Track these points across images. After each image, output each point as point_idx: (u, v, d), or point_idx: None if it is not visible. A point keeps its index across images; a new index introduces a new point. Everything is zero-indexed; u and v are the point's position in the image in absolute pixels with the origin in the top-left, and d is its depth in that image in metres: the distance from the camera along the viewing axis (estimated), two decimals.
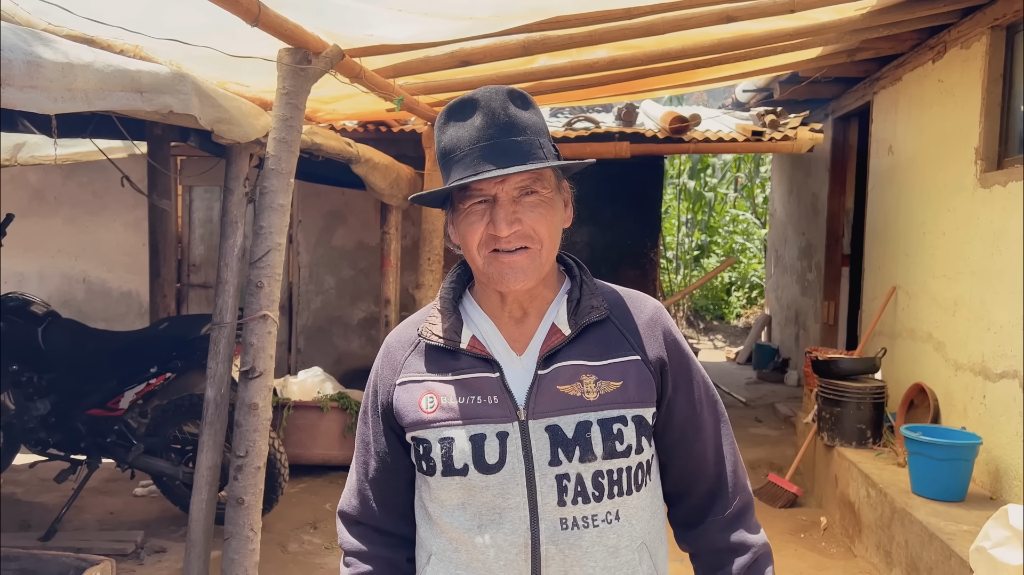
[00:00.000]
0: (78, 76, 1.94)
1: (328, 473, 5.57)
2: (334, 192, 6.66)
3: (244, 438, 3.09)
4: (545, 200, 1.25)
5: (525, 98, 1.28)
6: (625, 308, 1.35)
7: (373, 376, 1.38)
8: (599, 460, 1.24)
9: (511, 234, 1.23)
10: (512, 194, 1.24)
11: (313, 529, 4.64)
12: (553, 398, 1.26)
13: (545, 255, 1.26)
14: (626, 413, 1.26)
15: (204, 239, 7.16)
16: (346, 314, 6.99)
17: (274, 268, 3.16)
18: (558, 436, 1.24)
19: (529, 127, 1.25)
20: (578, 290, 1.34)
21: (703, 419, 1.35)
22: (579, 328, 1.29)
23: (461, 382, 1.28)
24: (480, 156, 1.22)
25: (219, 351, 3.25)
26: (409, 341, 1.36)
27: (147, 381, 4.26)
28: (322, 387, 5.72)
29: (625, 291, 1.39)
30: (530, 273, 1.25)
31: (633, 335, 1.32)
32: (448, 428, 1.26)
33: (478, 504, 1.26)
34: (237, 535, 3.07)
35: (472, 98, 1.25)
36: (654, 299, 1.39)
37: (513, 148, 1.22)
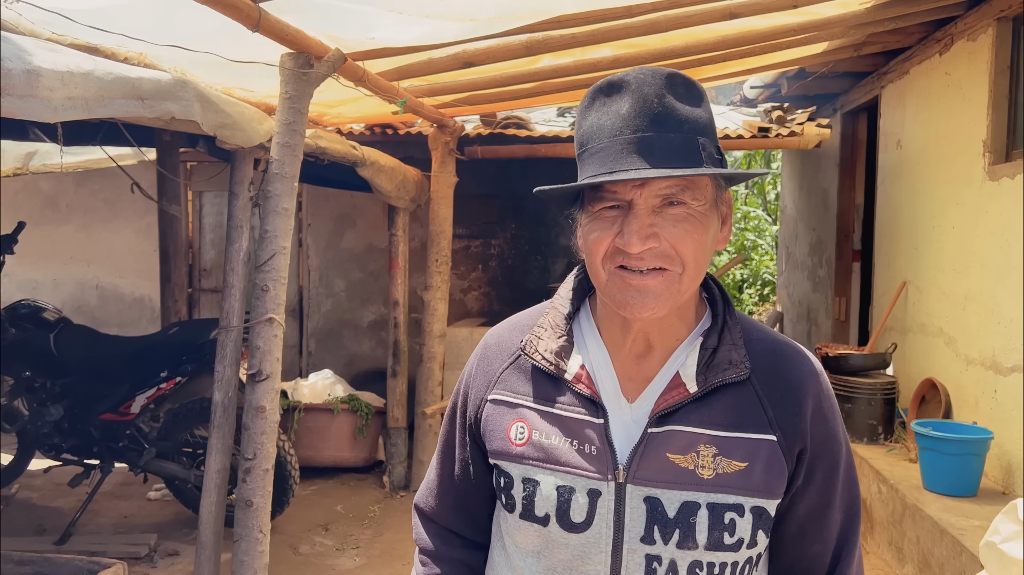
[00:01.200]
0: (78, 84, 1.97)
1: (339, 475, 5.60)
2: (343, 195, 6.69)
3: (252, 441, 3.12)
4: (694, 214, 1.03)
5: (691, 86, 1.05)
6: (772, 368, 1.10)
7: (466, 377, 1.22)
8: (700, 549, 1.04)
9: (644, 251, 1.01)
10: (653, 202, 1.02)
11: (324, 531, 4.66)
12: (660, 466, 1.06)
13: (687, 281, 1.04)
14: (745, 502, 1.05)
15: (215, 244, 7.21)
16: (356, 316, 7.02)
17: (279, 272, 3.18)
18: (657, 512, 1.05)
19: (688, 122, 1.02)
20: (717, 335, 1.10)
21: (831, 518, 1.12)
22: (708, 387, 1.07)
23: (559, 419, 1.10)
24: (620, 151, 1.00)
25: (226, 355, 3.28)
26: (510, 351, 1.18)
27: (158, 385, 4.30)
28: (333, 389, 5.75)
29: (778, 342, 1.13)
30: (663, 301, 1.04)
31: (775, 407, 1.08)
32: (535, 469, 1.10)
33: (554, 560, 1.10)
34: (246, 537, 3.10)
35: (622, 79, 1.04)
36: (812, 358, 1.13)
37: (663, 146, 1.00)
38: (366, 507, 5.05)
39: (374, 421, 5.65)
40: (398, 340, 5.62)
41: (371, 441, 5.69)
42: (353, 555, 4.34)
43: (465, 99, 4.86)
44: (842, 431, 1.13)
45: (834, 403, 1.13)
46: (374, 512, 4.97)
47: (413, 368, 5.71)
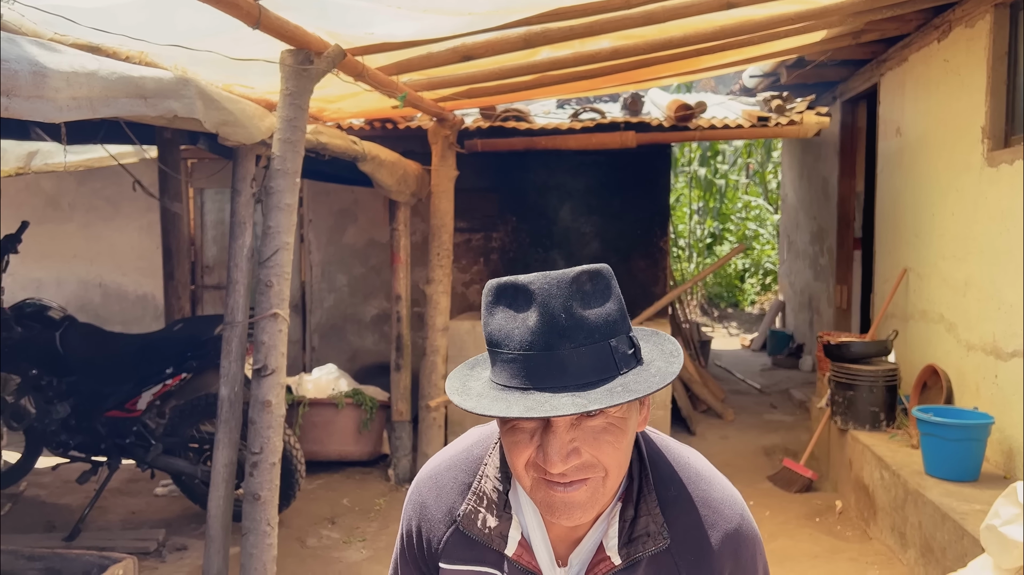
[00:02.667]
0: (83, 84, 1.99)
1: (345, 469, 5.63)
2: (344, 190, 6.71)
3: (258, 435, 3.15)
4: (614, 422, 1.03)
5: (597, 280, 1.03)
6: (689, 530, 1.13)
7: (410, 529, 1.25)
8: None
9: (567, 469, 1.02)
10: (570, 419, 1.02)
11: (331, 524, 4.70)
12: None
13: (610, 484, 1.07)
14: None
15: (217, 240, 7.23)
16: (359, 311, 7.05)
17: (283, 267, 3.20)
18: None
19: (599, 329, 1.00)
20: (633, 507, 1.12)
21: None
22: (630, 560, 1.11)
23: None
24: (531, 369, 0.99)
25: (231, 350, 3.30)
26: (449, 515, 1.20)
27: (164, 382, 4.33)
28: (337, 384, 5.78)
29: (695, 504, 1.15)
30: (589, 509, 1.06)
31: (690, 570, 1.12)
32: None
33: None
34: (254, 530, 3.13)
35: (527, 289, 1.01)
36: (736, 508, 1.16)
37: (575, 362, 0.98)
38: (372, 500, 5.09)
39: (378, 415, 5.68)
40: (401, 334, 5.64)
41: (376, 435, 5.72)
42: (360, 547, 4.37)
43: (464, 92, 4.87)
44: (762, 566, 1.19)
45: (754, 547, 1.16)
46: (379, 505, 5.01)
47: (416, 362, 5.74)
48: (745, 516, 1.17)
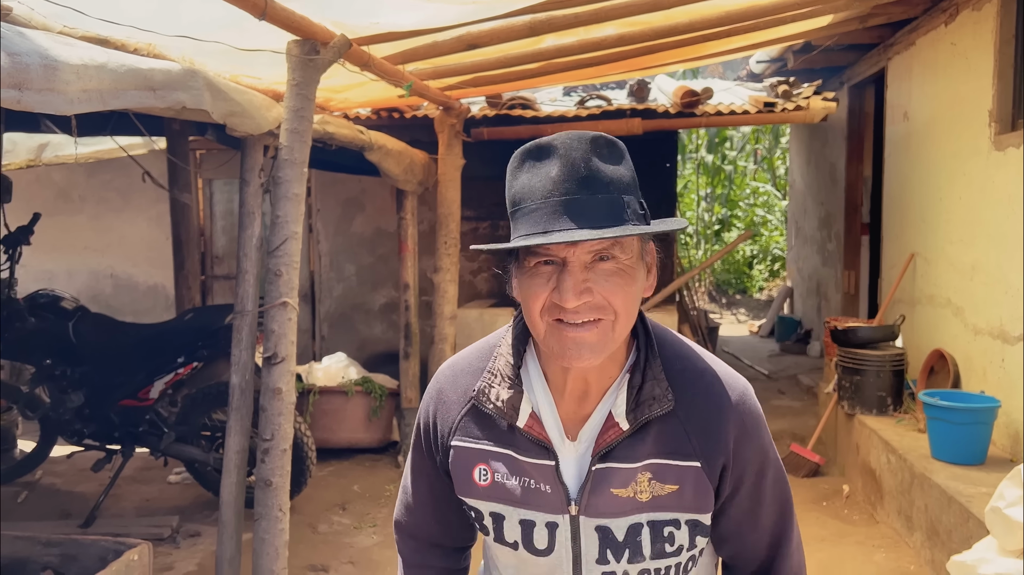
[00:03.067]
0: (93, 77, 2.02)
1: (355, 456, 5.68)
2: (351, 180, 6.74)
3: (270, 422, 3.19)
4: (623, 268, 1.11)
5: (614, 146, 1.13)
6: (695, 397, 1.19)
7: (427, 416, 1.31)
8: (647, 560, 1.19)
9: (580, 305, 1.09)
10: (585, 259, 1.09)
11: (342, 510, 4.75)
12: (606, 499, 1.18)
13: (619, 329, 1.12)
14: (680, 517, 1.19)
15: (226, 231, 7.28)
16: (368, 300, 7.09)
17: (292, 256, 3.24)
18: (608, 538, 1.19)
19: (614, 182, 1.09)
20: (640, 374, 1.18)
21: (763, 514, 1.25)
22: (638, 425, 1.17)
23: (516, 462, 1.21)
24: (552, 213, 1.07)
25: (242, 339, 3.34)
26: (465, 396, 1.26)
27: (175, 371, 4.38)
28: (346, 372, 5.83)
29: (699, 371, 1.22)
30: (598, 350, 1.12)
31: (698, 435, 1.18)
32: (500, 506, 1.23)
33: (529, 573, 1.26)
34: (266, 515, 3.18)
35: (550, 144, 1.11)
36: (740, 385, 1.22)
37: (591, 207, 1.07)
38: (382, 486, 5.14)
39: (388, 402, 5.72)
40: (409, 322, 5.68)
41: (385, 422, 5.77)
42: (370, 533, 4.43)
43: (470, 81, 4.88)
44: (767, 441, 1.23)
45: (758, 420, 1.22)
46: (390, 491, 5.06)
47: (425, 350, 5.78)
48: (749, 391, 1.23)
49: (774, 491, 1.25)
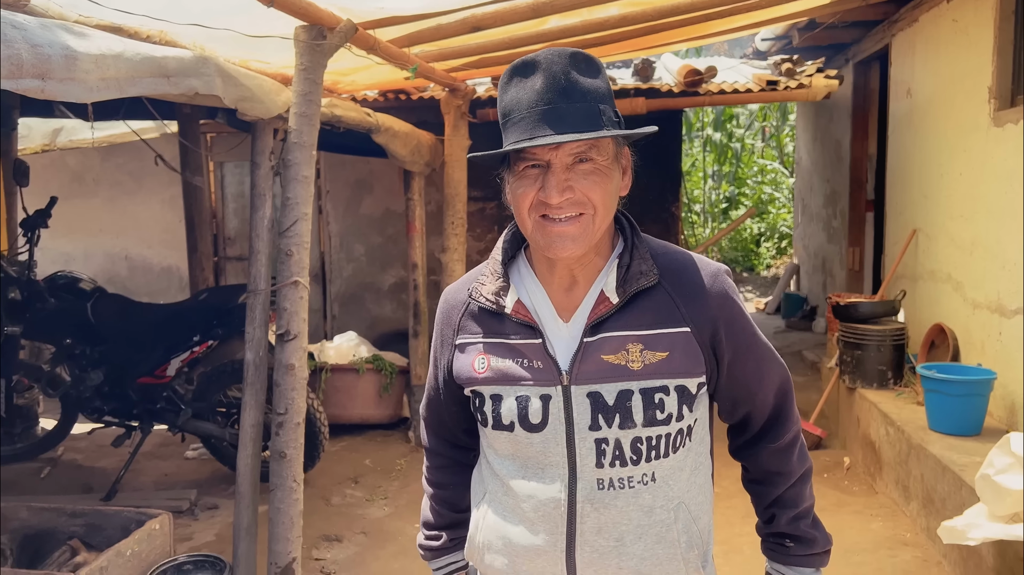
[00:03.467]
0: (110, 66, 2.11)
1: (367, 431, 5.82)
2: (359, 162, 6.82)
3: (283, 396, 3.31)
4: (600, 168, 1.24)
5: (591, 62, 1.26)
6: (680, 274, 1.32)
7: (437, 325, 1.47)
8: (639, 427, 1.27)
9: (562, 201, 1.23)
10: (566, 161, 1.23)
11: (354, 484, 4.89)
12: (597, 366, 1.28)
13: (598, 222, 1.26)
14: (669, 383, 1.28)
15: (237, 213, 7.39)
16: (377, 280, 7.20)
17: (302, 237, 3.33)
18: (599, 403, 1.28)
19: (590, 93, 1.23)
20: (628, 254, 1.32)
21: (764, 371, 1.39)
22: (627, 297, 1.29)
23: (508, 346, 1.33)
24: (536, 120, 1.21)
25: (255, 317, 3.45)
26: (462, 301, 1.41)
27: (191, 349, 4.51)
28: (357, 351, 5.95)
29: (680, 252, 1.37)
30: (580, 241, 1.25)
31: (685, 304, 1.30)
32: (498, 387, 1.33)
33: (524, 457, 1.33)
34: (281, 486, 3.30)
35: (534, 60, 1.24)
36: (716, 264, 1.37)
37: (571, 114, 1.21)
38: (393, 461, 5.28)
39: (398, 379, 5.85)
40: (418, 301, 5.79)
41: (396, 399, 5.89)
42: (382, 505, 4.56)
43: (475, 62, 4.94)
44: (745, 312, 1.37)
45: (736, 293, 1.37)
46: (400, 465, 5.20)
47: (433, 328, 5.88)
48: (724, 268, 1.37)
49: (767, 350, 1.40)
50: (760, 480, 1.46)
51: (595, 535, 1.30)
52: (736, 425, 1.47)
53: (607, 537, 1.30)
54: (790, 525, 1.44)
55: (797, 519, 1.44)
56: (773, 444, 1.42)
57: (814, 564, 1.46)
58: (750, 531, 1.57)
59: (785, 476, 1.43)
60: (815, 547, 1.45)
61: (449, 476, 1.56)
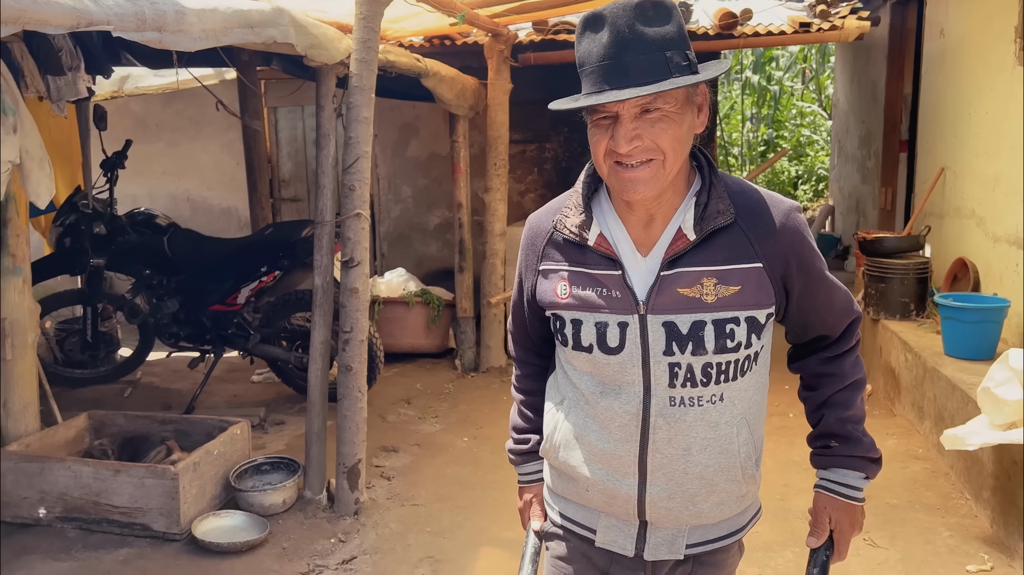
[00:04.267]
0: (209, 19, 2.44)
1: (417, 360, 6.25)
2: (406, 106, 7.12)
3: (349, 317, 3.70)
4: (668, 115, 1.29)
5: (659, 7, 1.28)
6: (755, 212, 1.38)
7: (522, 251, 1.55)
8: (710, 354, 1.36)
9: (631, 150, 1.29)
10: (633, 111, 1.29)
11: (407, 404, 5.32)
12: (673, 298, 1.36)
13: (669, 166, 1.31)
14: (740, 315, 1.36)
15: (291, 156, 7.76)
16: (423, 220, 7.56)
17: (363, 173, 3.69)
18: (674, 332, 1.36)
19: (656, 42, 1.26)
20: (706, 193, 1.37)
21: (833, 300, 1.48)
22: (704, 234, 1.35)
23: (589, 276, 1.41)
24: (602, 74, 1.27)
25: (323, 246, 3.83)
26: (546, 230, 1.49)
27: (259, 279, 4.92)
28: (407, 286, 6.35)
29: (757, 191, 1.42)
30: (651, 185, 1.31)
31: (759, 240, 1.36)
32: (578, 312, 1.42)
33: (602, 375, 1.43)
34: (348, 396, 3.72)
35: (601, 13, 1.29)
36: (790, 202, 1.42)
37: (635, 67, 1.25)
38: (441, 385, 5.70)
39: (445, 312, 6.24)
40: (463, 239, 6.13)
41: (443, 330, 6.30)
42: (433, 422, 4.99)
43: (517, 8, 5.17)
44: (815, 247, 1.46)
45: (807, 228, 1.44)
46: (448, 389, 5.61)
47: (477, 265, 6.24)
48: (797, 206, 1.44)
49: (833, 280, 1.49)
50: (813, 385, 1.55)
51: (665, 444, 1.41)
52: (804, 343, 1.56)
53: (676, 446, 1.41)
54: (837, 424, 1.50)
55: (845, 420, 1.50)
56: (830, 353, 1.52)
57: (859, 468, 1.50)
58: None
59: (837, 378, 1.51)
60: (861, 448, 1.50)
61: (536, 383, 1.68)
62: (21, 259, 3.77)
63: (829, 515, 1.52)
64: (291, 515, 3.71)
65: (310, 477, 3.84)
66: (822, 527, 1.52)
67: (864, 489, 1.52)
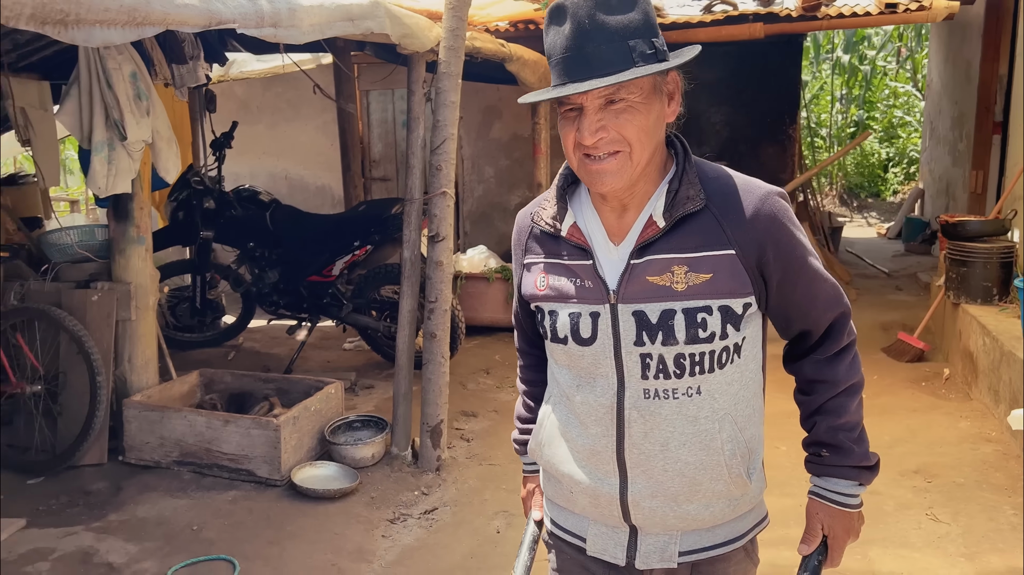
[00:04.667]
0: (316, 14, 2.73)
1: (496, 333, 6.52)
2: (489, 89, 7.37)
3: (434, 288, 3.98)
4: (632, 105, 1.27)
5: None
6: (728, 197, 1.33)
7: (512, 247, 1.57)
8: (681, 344, 1.32)
9: (596, 141, 1.27)
10: (597, 103, 1.27)
11: (486, 374, 5.61)
12: (642, 287, 1.33)
13: (636, 157, 1.29)
14: (712, 303, 1.31)
15: (381, 137, 8.13)
16: (504, 200, 7.82)
17: (449, 154, 3.95)
18: (643, 321, 1.33)
19: (618, 32, 1.24)
20: (678, 180, 1.34)
21: (816, 292, 1.40)
22: (673, 220, 1.32)
23: (563, 266, 1.41)
24: (564, 67, 1.26)
25: (411, 221, 4.12)
26: (528, 224, 1.50)
27: (352, 252, 5.27)
28: (487, 262, 6.62)
29: (734, 178, 1.37)
30: (619, 176, 1.30)
31: (732, 227, 1.32)
32: (554, 303, 1.42)
33: (578, 367, 1.42)
34: (432, 361, 4.01)
35: (563, 4, 1.27)
36: (768, 187, 1.36)
37: (596, 57, 1.24)
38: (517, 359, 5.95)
39: None
40: None
41: None
42: (510, 391, 5.26)
43: None
44: (800, 232, 1.37)
45: (788, 212, 1.36)
46: None
47: None
48: (777, 190, 1.36)
49: (819, 270, 1.40)
50: (806, 390, 1.48)
51: (642, 439, 1.38)
52: (791, 340, 1.50)
53: (653, 442, 1.37)
54: (828, 433, 1.44)
55: (837, 429, 1.44)
56: (822, 356, 1.44)
57: (852, 477, 1.44)
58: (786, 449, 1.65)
59: (830, 384, 1.44)
60: (852, 458, 1.43)
61: (537, 374, 1.68)
62: (144, 230, 4.21)
63: (821, 521, 1.48)
64: (379, 468, 4.04)
65: (396, 435, 4.15)
66: (814, 533, 1.48)
67: (860, 495, 1.47)
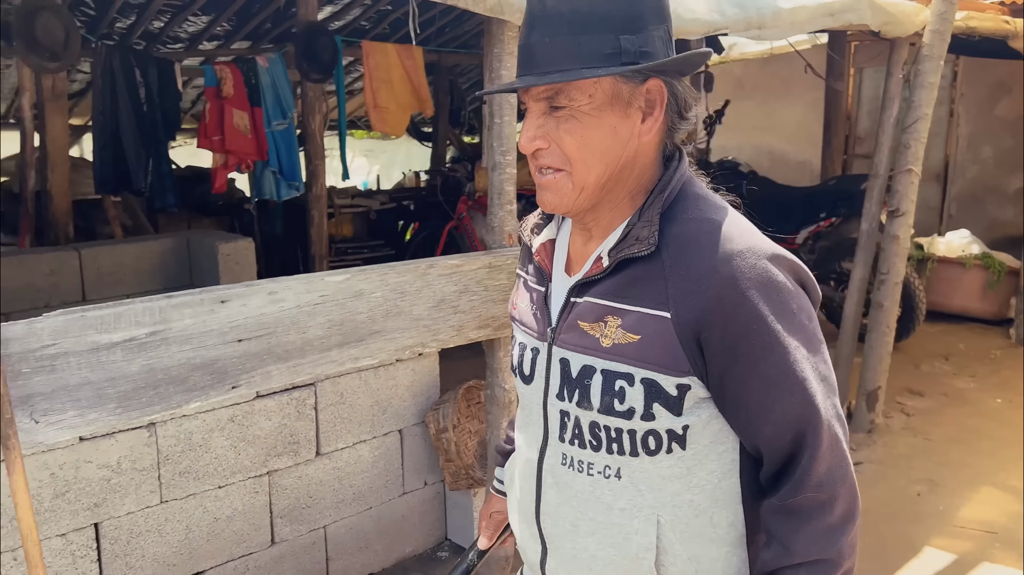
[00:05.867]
0: (797, 14, 3.24)
1: (964, 323, 6.27)
2: (998, 63, 6.86)
3: (886, 260, 4.22)
4: (575, 115, 1.04)
5: None
6: (686, 246, 1.04)
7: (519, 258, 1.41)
8: (595, 411, 1.09)
9: (534, 151, 1.07)
10: (541, 107, 1.06)
11: (944, 360, 5.52)
12: (574, 332, 1.12)
13: (578, 178, 1.06)
14: (635, 372, 1.05)
15: (870, 115, 8.13)
16: (1002, 183, 7.23)
17: (920, 133, 4.11)
18: (566, 372, 1.12)
19: (571, 23, 1.00)
20: (638, 214, 1.08)
21: (773, 400, 1.03)
22: (615, 262, 1.08)
23: (528, 287, 1.25)
24: (520, 58, 1.05)
25: (873, 196, 4.38)
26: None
27: (817, 223, 5.64)
28: (968, 248, 6.34)
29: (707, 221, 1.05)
30: (560, 197, 1.08)
31: (676, 284, 1.03)
32: (515, 327, 1.27)
33: (522, 406, 1.25)
34: (876, 329, 4.27)
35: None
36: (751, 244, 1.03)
37: (541, 52, 1.02)
38: (987, 350, 5.69)
39: (1006, 279, 6.08)
40: None
41: (1001, 297, 6.15)
42: (967, 380, 5.14)
43: None
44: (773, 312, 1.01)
45: (762, 284, 1.01)
46: (995, 355, 5.59)
47: None
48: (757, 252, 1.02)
49: (790, 375, 1.03)
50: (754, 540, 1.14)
51: (555, 509, 1.17)
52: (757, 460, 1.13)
53: (564, 518, 1.16)
54: None
55: None
56: (779, 501, 1.07)
57: None
58: None
59: (783, 551, 1.06)
60: None
61: None
62: None
63: None
64: None
65: None
66: None
67: None
